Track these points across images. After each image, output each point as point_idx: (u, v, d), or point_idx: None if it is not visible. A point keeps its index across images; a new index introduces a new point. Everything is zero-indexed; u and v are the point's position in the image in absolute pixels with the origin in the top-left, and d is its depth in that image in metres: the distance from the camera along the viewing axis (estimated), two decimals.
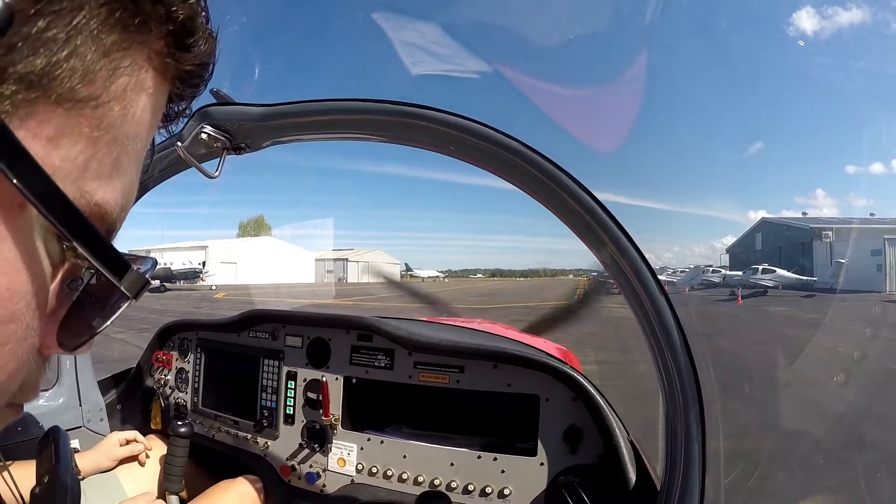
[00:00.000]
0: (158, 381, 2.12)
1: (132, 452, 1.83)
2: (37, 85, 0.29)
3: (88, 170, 0.33)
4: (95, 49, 0.31)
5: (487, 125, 1.01)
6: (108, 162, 0.34)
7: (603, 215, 1.04)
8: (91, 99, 0.32)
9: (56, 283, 0.37)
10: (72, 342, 0.40)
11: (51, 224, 0.31)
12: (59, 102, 0.30)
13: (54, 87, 0.30)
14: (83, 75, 0.31)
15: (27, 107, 0.29)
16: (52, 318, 0.38)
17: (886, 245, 34.45)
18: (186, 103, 0.44)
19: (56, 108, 0.30)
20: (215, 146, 1.12)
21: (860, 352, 10.64)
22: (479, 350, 1.56)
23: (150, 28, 0.34)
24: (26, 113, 0.29)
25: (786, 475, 4.63)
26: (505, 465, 1.49)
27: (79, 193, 0.33)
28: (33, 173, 0.29)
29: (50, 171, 0.30)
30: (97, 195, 0.34)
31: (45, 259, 0.34)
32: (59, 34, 0.29)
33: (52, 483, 0.60)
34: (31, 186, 0.29)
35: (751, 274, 34.32)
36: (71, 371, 1.97)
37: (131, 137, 0.36)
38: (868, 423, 6.08)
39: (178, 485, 1.77)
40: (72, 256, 0.36)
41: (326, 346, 1.79)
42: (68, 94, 0.30)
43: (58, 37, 0.29)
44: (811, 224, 50.49)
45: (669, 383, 1.08)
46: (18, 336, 0.33)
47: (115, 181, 0.36)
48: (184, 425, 1.80)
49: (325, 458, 1.73)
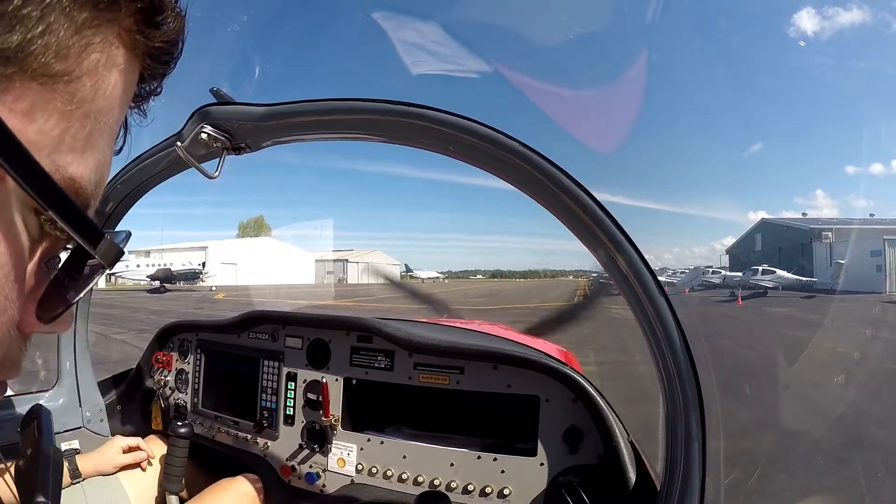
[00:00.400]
0: (158, 382, 2.12)
1: (134, 460, 1.83)
2: (13, 60, 0.30)
3: (62, 144, 0.34)
4: (68, 26, 0.32)
5: (487, 125, 1.01)
6: (81, 136, 0.35)
7: (602, 216, 1.04)
8: (64, 74, 0.33)
9: (34, 262, 0.38)
10: (49, 314, 0.41)
11: (28, 195, 0.32)
12: (33, 77, 0.31)
13: (29, 63, 0.31)
14: (56, 51, 0.32)
15: (3, 82, 0.30)
16: (31, 296, 0.39)
17: (886, 246, 34.47)
18: (157, 83, 0.45)
19: (31, 83, 0.31)
20: (215, 146, 1.12)
21: (860, 352, 10.64)
22: (479, 351, 1.56)
23: (120, 5, 0.35)
24: (2, 88, 0.30)
25: (786, 475, 4.63)
26: (505, 465, 1.49)
27: (54, 166, 0.34)
28: (10, 146, 0.30)
29: (26, 143, 0.31)
30: (71, 169, 0.35)
31: (23, 233, 0.35)
32: (33, 11, 0.30)
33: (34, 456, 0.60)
34: (8, 158, 0.30)
35: (751, 275, 34.33)
36: (71, 372, 1.97)
37: (103, 113, 0.37)
38: (868, 423, 6.08)
39: (177, 485, 1.77)
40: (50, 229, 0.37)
41: (326, 347, 1.79)
42: (43, 70, 0.31)
43: (32, 14, 0.30)
44: (811, 225, 50.53)
45: (669, 384, 1.08)
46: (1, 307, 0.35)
47: (88, 156, 0.37)
48: (184, 426, 1.80)
49: (325, 459, 1.73)
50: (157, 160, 1.41)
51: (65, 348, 1.95)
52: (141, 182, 1.56)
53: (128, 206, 1.69)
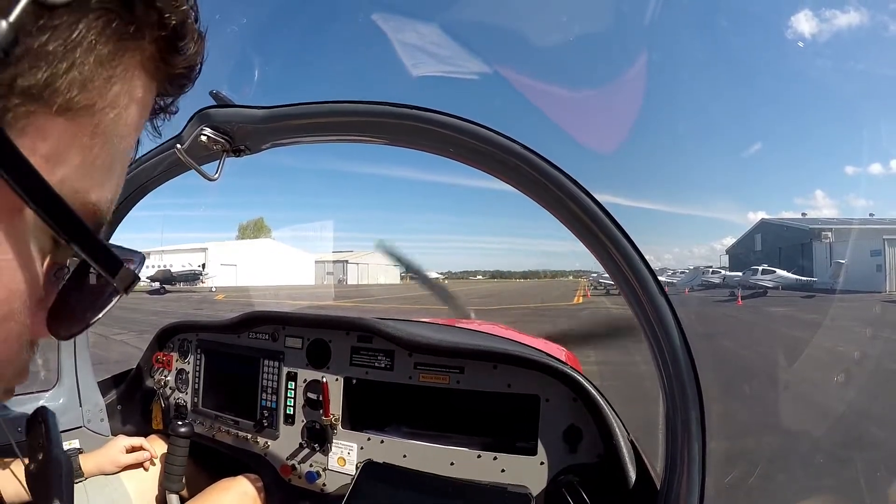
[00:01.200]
0: (158, 382, 2.13)
1: (137, 460, 1.84)
2: (38, 97, 0.30)
3: (84, 173, 0.35)
4: (92, 60, 0.32)
5: (487, 127, 1.01)
6: (101, 164, 0.36)
7: (602, 216, 1.04)
8: (88, 107, 0.33)
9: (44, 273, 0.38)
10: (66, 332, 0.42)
11: (50, 228, 0.33)
12: (58, 113, 0.31)
13: (54, 98, 0.31)
14: (81, 85, 0.32)
15: (27, 118, 0.30)
16: (41, 305, 0.40)
17: (886, 245, 34.48)
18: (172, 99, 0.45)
19: (55, 118, 0.31)
20: (215, 148, 1.12)
21: (860, 352, 10.63)
22: (479, 351, 1.56)
23: (144, 35, 0.35)
24: (26, 123, 0.30)
25: (786, 475, 4.63)
26: (505, 464, 1.49)
27: (74, 195, 0.34)
28: (32, 180, 0.30)
29: (48, 176, 0.31)
30: (91, 195, 0.36)
31: (38, 259, 0.36)
32: (58, 48, 0.30)
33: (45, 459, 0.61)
34: (30, 193, 0.31)
35: (750, 275, 34.32)
36: (71, 372, 1.97)
37: (122, 138, 0.37)
38: (868, 423, 6.07)
39: (178, 484, 1.78)
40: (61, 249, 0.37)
41: (326, 347, 1.80)
42: (67, 105, 0.32)
43: (57, 50, 0.30)
44: (811, 225, 50.54)
45: (670, 384, 1.09)
46: (15, 333, 0.36)
47: (108, 181, 0.38)
48: (184, 425, 1.81)
49: (326, 458, 1.73)
50: (156, 162, 1.41)
51: (65, 348, 1.95)
52: (141, 184, 1.56)
53: (128, 208, 1.69)
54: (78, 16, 0.30)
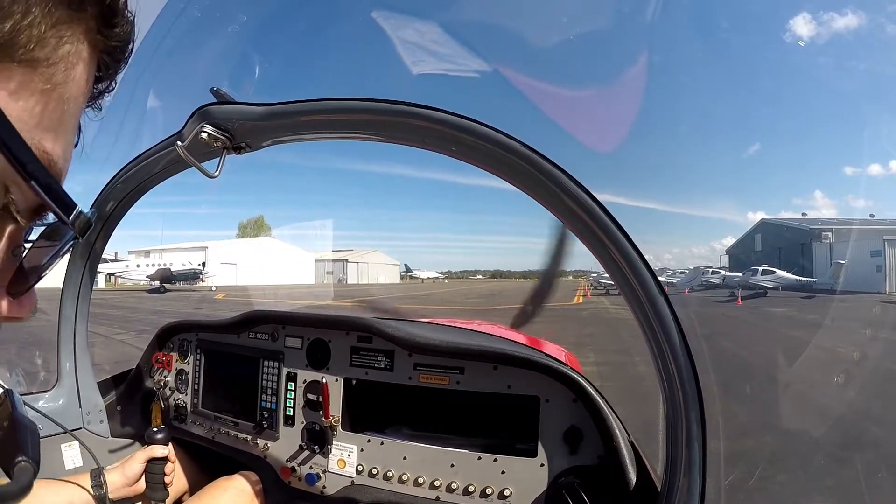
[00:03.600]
0: (158, 383, 2.12)
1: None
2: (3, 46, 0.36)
3: (41, 122, 0.40)
4: (47, 20, 0.38)
5: (488, 125, 1.01)
6: (55, 117, 0.42)
7: (602, 216, 1.03)
8: (43, 60, 0.39)
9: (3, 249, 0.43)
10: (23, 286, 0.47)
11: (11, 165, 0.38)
12: (19, 62, 0.37)
13: (15, 49, 0.37)
14: (38, 40, 0.38)
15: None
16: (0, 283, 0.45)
17: (886, 246, 34.47)
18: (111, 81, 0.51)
19: (17, 66, 0.37)
20: (215, 146, 1.12)
21: (860, 352, 10.64)
22: (479, 351, 1.55)
23: (86, 7, 0.42)
24: None
25: (786, 476, 4.63)
26: (505, 465, 1.48)
27: (31, 140, 0.39)
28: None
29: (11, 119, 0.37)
30: (46, 144, 0.41)
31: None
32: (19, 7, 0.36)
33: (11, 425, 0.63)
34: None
35: (750, 275, 34.31)
36: (71, 372, 1.97)
37: (72, 98, 0.43)
38: (868, 423, 6.07)
39: (160, 492, 1.70)
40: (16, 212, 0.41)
41: (326, 347, 1.79)
42: (26, 55, 0.38)
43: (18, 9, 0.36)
44: (811, 225, 50.51)
45: (670, 384, 1.08)
46: None
47: (60, 135, 0.43)
48: (159, 431, 1.74)
49: (325, 460, 1.72)
50: (157, 159, 1.41)
51: (64, 349, 1.95)
52: (141, 181, 1.56)
53: (128, 205, 1.69)
54: None
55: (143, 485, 1.68)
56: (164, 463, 1.71)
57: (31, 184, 0.39)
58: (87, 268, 1.86)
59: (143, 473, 1.67)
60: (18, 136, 0.37)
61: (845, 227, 48.77)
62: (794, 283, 33.09)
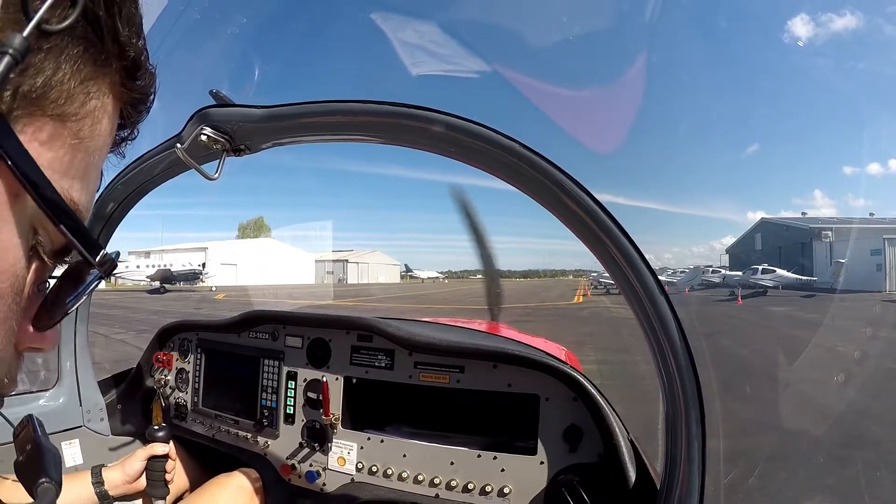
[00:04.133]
0: (159, 381, 2.13)
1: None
2: (36, 101, 0.38)
3: (68, 172, 0.42)
4: (77, 77, 0.40)
5: (487, 126, 1.01)
6: (81, 168, 0.44)
7: (602, 216, 1.04)
8: (72, 115, 0.41)
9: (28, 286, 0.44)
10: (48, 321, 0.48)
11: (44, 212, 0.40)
12: (50, 116, 0.39)
13: (47, 104, 0.39)
14: (67, 96, 0.40)
15: (27, 117, 0.38)
16: (25, 315, 0.46)
17: (886, 245, 34.45)
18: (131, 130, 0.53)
19: (48, 120, 0.40)
20: (215, 148, 1.12)
21: (860, 351, 10.64)
22: (479, 350, 1.56)
23: (111, 62, 0.44)
24: (26, 123, 0.38)
25: (786, 474, 4.64)
26: (505, 463, 1.49)
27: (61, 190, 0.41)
28: (31, 168, 0.38)
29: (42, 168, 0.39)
30: (73, 193, 0.43)
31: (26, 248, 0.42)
32: (52, 64, 0.38)
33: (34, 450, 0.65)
34: (30, 181, 0.38)
35: (751, 274, 34.31)
36: (71, 371, 1.97)
37: (97, 150, 0.46)
38: (868, 422, 6.08)
39: (161, 490, 1.69)
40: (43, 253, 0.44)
41: (326, 346, 1.80)
42: (57, 109, 0.40)
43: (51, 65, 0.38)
44: (811, 224, 50.52)
45: (670, 383, 1.09)
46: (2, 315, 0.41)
47: (85, 186, 0.45)
48: (160, 429, 1.73)
49: (326, 457, 1.73)
50: (156, 162, 1.41)
51: (65, 348, 1.95)
52: (141, 183, 1.56)
53: (128, 207, 1.69)
54: (67, 41, 0.39)
55: (144, 482, 1.68)
56: (165, 460, 1.71)
57: (60, 227, 0.42)
58: None
59: (144, 471, 1.67)
60: (49, 183, 0.40)
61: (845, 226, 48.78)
62: (794, 281, 33.08)
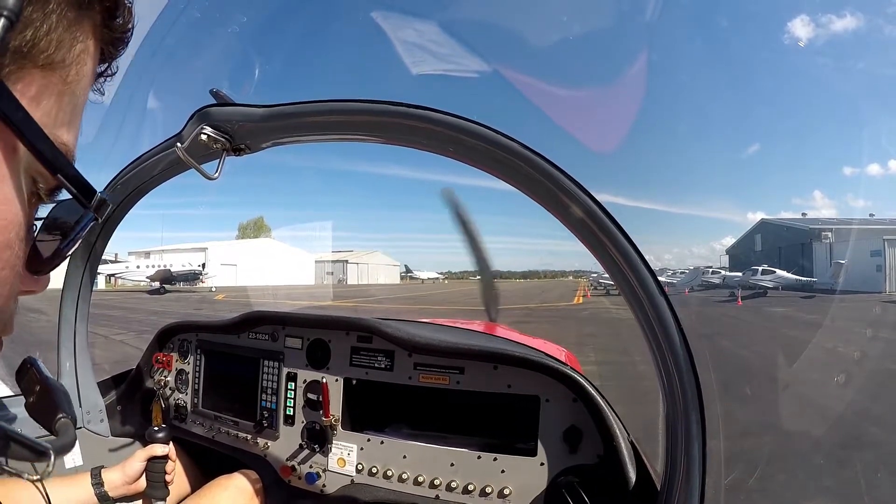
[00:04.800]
0: (158, 382, 2.12)
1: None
2: (26, 54, 0.39)
3: (59, 118, 0.44)
4: (63, 23, 0.41)
5: (487, 126, 1.01)
6: (69, 111, 0.45)
7: (602, 216, 1.04)
8: (60, 62, 0.42)
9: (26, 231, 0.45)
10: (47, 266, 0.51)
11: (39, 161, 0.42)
12: (39, 67, 0.40)
13: (36, 55, 0.39)
14: (56, 44, 0.41)
15: (19, 71, 0.39)
16: None
17: (886, 246, 34.48)
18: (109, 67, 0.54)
19: (37, 71, 0.40)
20: (215, 147, 1.12)
21: (860, 352, 10.63)
22: (479, 351, 1.56)
23: (94, 5, 0.45)
24: (18, 77, 0.39)
25: (786, 475, 4.63)
26: (505, 465, 1.49)
27: (53, 137, 0.43)
28: (26, 122, 0.39)
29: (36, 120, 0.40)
30: (63, 137, 0.45)
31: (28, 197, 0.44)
32: (40, 14, 0.39)
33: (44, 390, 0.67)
34: (24, 132, 0.39)
35: (750, 275, 34.31)
36: (71, 372, 1.97)
37: (82, 92, 0.47)
38: (868, 423, 6.07)
39: (161, 491, 1.68)
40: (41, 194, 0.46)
41: (326, 347, 1.79)
42: (46, 60, 0.40)
43: (39, 17, 0.39)
44: (811, 225, 50.53)
45: (670, 384, 1.08)
46: (11, 262, 0.42)
47: (73, 126, 0.47)
48: (160, 430, 1.72)
49: (325, 459, 1.73)
50: (156, 161, 1.41)
51: (64, 349, 1.95)
52: (141, 183, 1.56)
53: (128, 207, 1.69)
54: None
55: (144, 483, 1.67)
56: (165, 462, 1.69)
57: (58, 177, 0.44)
58: (88, 269, 1.86)
59: (144, 472, 1.67)
60: (45, 135, 0.41)
61: (845, 227, 48.77)
62: (794, 282, 33.09)
